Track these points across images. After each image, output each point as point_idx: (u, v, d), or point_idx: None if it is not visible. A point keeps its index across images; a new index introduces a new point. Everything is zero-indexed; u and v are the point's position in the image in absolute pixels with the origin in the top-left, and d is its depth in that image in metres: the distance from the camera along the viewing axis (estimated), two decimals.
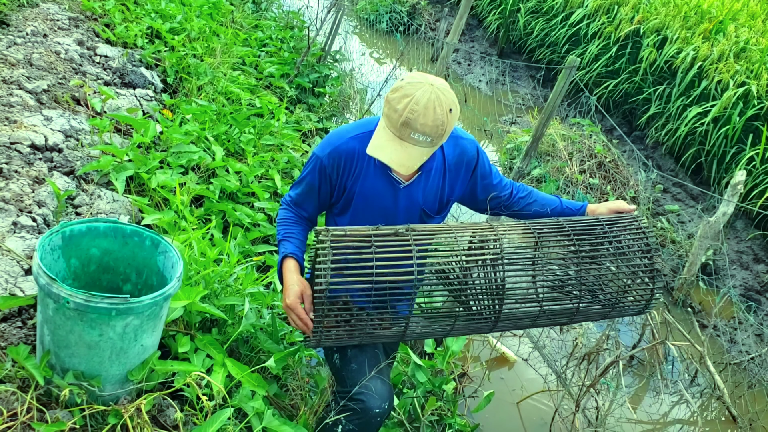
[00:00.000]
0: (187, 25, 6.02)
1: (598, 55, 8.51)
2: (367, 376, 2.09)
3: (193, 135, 4.01)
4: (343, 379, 2.15)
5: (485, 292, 2.16)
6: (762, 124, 6.29)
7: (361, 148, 2.09)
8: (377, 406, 2.07)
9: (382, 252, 1.95)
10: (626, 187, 6.06)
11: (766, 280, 5.54)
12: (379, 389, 2.09)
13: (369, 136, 2.05)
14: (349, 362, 2.16)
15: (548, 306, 2.15)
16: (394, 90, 1.96)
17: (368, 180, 2.14)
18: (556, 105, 3.01)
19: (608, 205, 2.32)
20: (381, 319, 2.05)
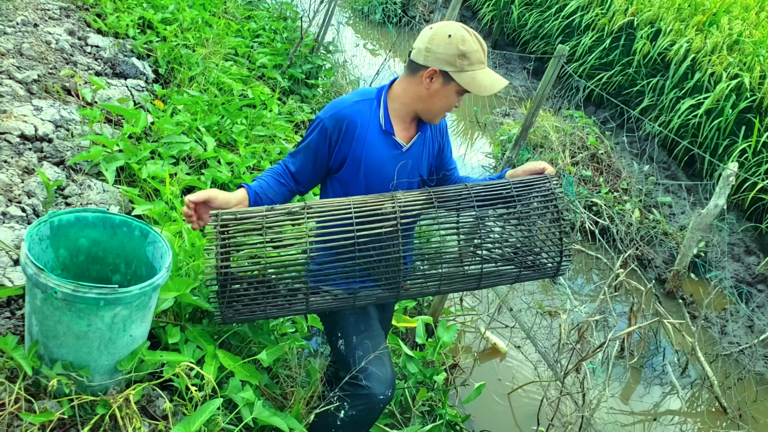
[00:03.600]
0: (179, 16, 5.98)
1: (592, 47, 8.51)
2: (371, 362, 2.12)
3: (185, 126, 3.99)
4: (348, 365, 2.15)
5: (384, 262, 2.12)
6: (754, 117, 6.30)
7: (364, 113, 2.19)
8: (382, 392, 2.10)
9: (276, 232, 2.02)
10: (618, 179, 6.07)
11: (757, 272, 5.57)
12: (385, 375, 2.12)
13: (371, 103, 2.20)
14: (354, 349, 2.17)
15: (448, 269, 2.19)
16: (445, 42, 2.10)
17: (371, 145, 2.19)
18: (545, 94, 3.00)
19: (525, 167, 2.34)
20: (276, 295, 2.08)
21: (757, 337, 4.36)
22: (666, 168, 7.14)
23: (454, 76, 2.13)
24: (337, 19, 7.60)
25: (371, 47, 10.69)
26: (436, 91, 2.16)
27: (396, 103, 2.23)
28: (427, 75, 2.14)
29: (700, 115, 6.71)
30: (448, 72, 2.13)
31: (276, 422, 2.10)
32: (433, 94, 2.17)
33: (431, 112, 2.23)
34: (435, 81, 2.15)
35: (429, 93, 2.17)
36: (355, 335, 2.20)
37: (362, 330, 2.22)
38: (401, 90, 2.22)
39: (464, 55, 2.11)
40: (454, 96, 2.19)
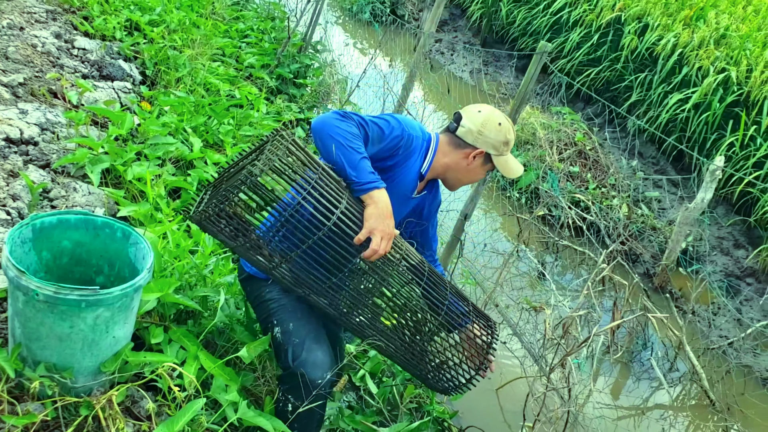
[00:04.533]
0: (166, 17, 5.98)
1: (580, 43, 8.53)
2: (308, 349, 2.16)
3: (171, 127, 3.99)
4: (285, 353, 2.18)
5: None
6: (741, 110, 6.33)
7: (419, 149, 2.36)
8: (319, 377, 2.12)
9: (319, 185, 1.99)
10: (606, 175, 6.09)
11: (746, 265, 5.60)
12: (319, 360, 2.15)
13: (424, 143, 2.38)
14: (290, 336, 2.19)
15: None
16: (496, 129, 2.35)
17: (404, 177, 2.35)
18: (529, 90, 3.02)
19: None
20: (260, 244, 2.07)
21: (744, 330, 4.38)
22: (655, 163, 7.17)
23: (494, 159, 2.39)
24: (325, 19, 7.60)
25: (361, 46, 10.70)
26: (475, 167, 2.42)
27: (436, 162, 2.42)
28: (474, 154, 2.37)
29: (688, 110, 6.74)
30: (490, 155, 2.38)
31: (260, 423, 2.10)
32: (470, 170, 2.43)
33: (461, 182, 2.51)
34: (477, 159, 2.39)
35: (468, 168, 2.42)
36: (292, 322, 2.22)
37: (299, 317, 2.24)
38: (442, 153, 2.41)
39: (507, 143, 2.39)
40: (483, 174, 2.48)
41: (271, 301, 2.26)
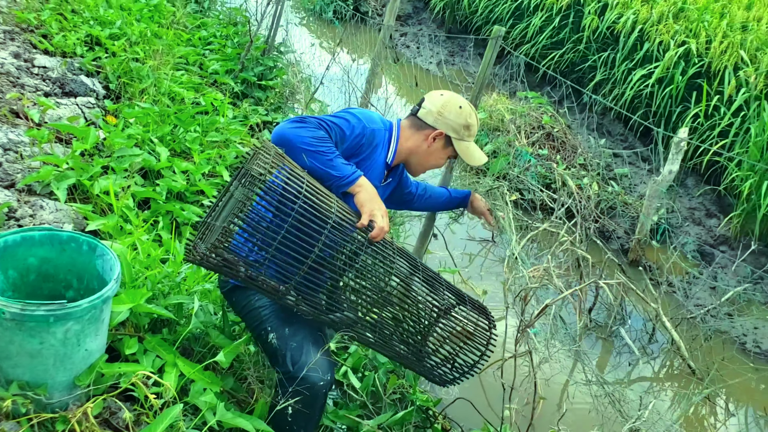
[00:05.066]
0: (127, 30, 5.95)
1: (542, 27, 8.59)
2: (306, 353, 2.15)
3: (137, 138, 3.98)
4: (283, 358, 2.16)
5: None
6: (704, 82, 6.42)
7: (382, 140, 2.38)
8: (320, 380, 2.12)
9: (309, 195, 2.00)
10: (575, 155, 6.15)
11: (718, 234, 5.69)
12: (319, 362, 2.14)
13: (386, 133, 2.41)
14: (286, 341, 2.18)
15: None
16: (456, 111, 2.42)
17: (372, 170, 2.36)
18: (487, 76, 3.05)
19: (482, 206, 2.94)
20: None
21: (720, 297, 4.45)
22: (623, 140, 7.25)
23: (455, 143, 2.46)
24: (287, 19, 7.59)
25: (326, 45, 10.69)
26: (435, 150, 2.47)
27: (400, 147, 2.47)
28: (433, 135, 2.43)
29: (651, 85, 6.82)
30: (451, 137, 2.45)
31: (241, 424, 2.11)
32: (431, 153, 2.48)
33: (423, 166, 2.54)
34: (437, 142, 2.45)
35: (428, 151, 2.47)
36: (287, 326, 2.21)
37: (293, 321, 2.22)
38: (404, 138, 2.47)
39: (468, 127, 2.45)
40: (444, 159, 2.53)
41: (262, 308, 2.25)
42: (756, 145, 5.44)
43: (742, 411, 4.07)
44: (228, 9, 8.56)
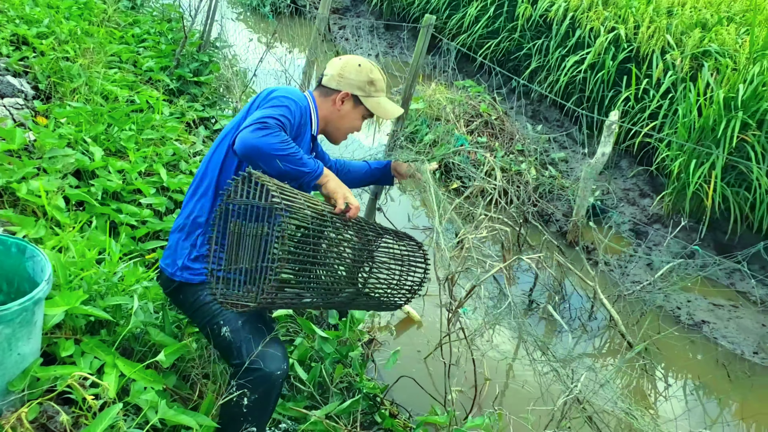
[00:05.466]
0: (55, 28, 5.79)
1: (478, 17, 8.69)
2: (259, 342, 2.17)
3: (69, 138, 3.89)
4: (238, 351, 2.17)
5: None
6: (633, 66, 6.61)
7: (310, 115, 2.44)
8: (278, 368, 2.15)
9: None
10: (513, 142, 6.26)
11: (652, 212, 5.88)
12: (276, 350, 2.17)
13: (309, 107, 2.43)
14: (239, 333, 2.19)
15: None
16: (356, 69, 2.46)
17: (305, 144, 2.42)
18: (419, 64, 3.09)
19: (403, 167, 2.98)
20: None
21: (654, 274, 4.61)
22: (560, 125, 7.42)
23: (363, 101, 2.49)
24: (221, 14, 7.50)
25: (264, 40, 10.60)
26: (346, 113, 2.51)
27: (320, 119, 2.52)
28: (339, 98, 2.48)
29: (584, 70, 6.99)
30: (358, 96, 2.48)
31: (184, 421, 2.10)
32: (343, 116, 2.51)
33: (339, 131, 2.57)
34: (346, 103, 2.49)
35: (339, 114, 2.51)
36: (240, 320, 2.22)
37: (245, 314, 2.23)
38: (319, 108, 2.51)
39: (372, 83, 2.49)
40: (359, 120, 2.57)
41: (213, 302, 2.24)
42: (684, 125, 5.64)
43: (681, 382, 4.23)
44: (162, 5, 8.41)
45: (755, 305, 4.87)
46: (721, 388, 4.08)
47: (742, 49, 5.90)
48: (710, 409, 3.96)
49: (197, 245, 2.31)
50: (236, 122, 2.35)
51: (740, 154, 5.37)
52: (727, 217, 5.40)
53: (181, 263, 2.30)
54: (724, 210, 5.37)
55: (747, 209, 5.33)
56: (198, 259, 2.30)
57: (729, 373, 4.16)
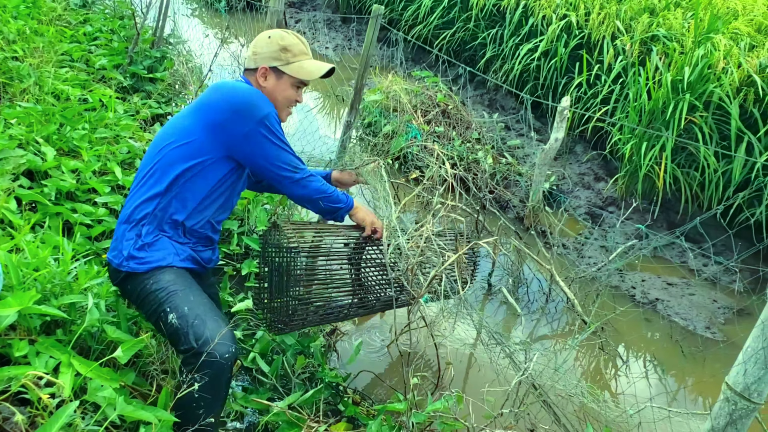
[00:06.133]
0: (2, 28, 5.67)
1: (433, 8, 8.75)
2: (208, 327, 2.18)
3: (20, 139, 3.83)
4: (185, 336, 2.16)
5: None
6: (585, 52, 6.73)
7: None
8: (226, 351, 2.14)
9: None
10: (469, 130, 6.33)
11: (606, 195, 6.00)
12: (223, 334, 2.17)
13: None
14: (187, 318, 2.18)
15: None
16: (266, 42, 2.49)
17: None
18: (370, 54, 3.12)
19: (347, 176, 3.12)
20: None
21: (608, 256, 4.72)
22: (516, 113, 7.51)
23: (284, 69, 2.46)
24: (174, 10, 7.42)
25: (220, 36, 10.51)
26: (274, 87, 2.48)
27: None
28: (260, 74, 2.47)
29: (537, 58, 7.09)
30: (277, 67, 2.46)
31: (143, 416, 2.11)
32: (271, 91, 2.48)
33: (277, 106, 2.49)
34: (269, 78, 2.47)
35: (269, 90, 2.47)
36: (186, 305, 2.22)
37: (191, 299, 2.24)
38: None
39: (286, 49, 2.46)
40: (291, 89, 2.51)
41: (159, 290, 2.25)
42: (634, 109, 5.77)
43: (637, 360, 4.34)
44: (113, 2, 8.29)
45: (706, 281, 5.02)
46: (676, 364, 4.21)
47: (689, 33, 6.04)
48: (666, 385, 4.08)
49: (142, 234, 2.31)
50: (193, 120, 2.37)
51: (689, 136, 5.51)
52: (678, 197, 5.54)
53: (126, 253, 2.30)
54: (675, 190, 5.52)
55: (697, 189, 5.48)
56: (143, 248, 2.30)
57: (683, 349, 4.29)
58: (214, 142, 2.33)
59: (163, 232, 2.36)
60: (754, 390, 1.59)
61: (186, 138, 2.34)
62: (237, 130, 2.32)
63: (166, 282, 2.26)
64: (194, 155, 2.33)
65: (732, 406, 1.62)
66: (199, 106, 2.37)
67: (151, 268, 2.28)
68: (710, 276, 5.07)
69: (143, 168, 2.41)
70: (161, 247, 2.32)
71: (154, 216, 2.32)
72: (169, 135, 2.40)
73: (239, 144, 2.34)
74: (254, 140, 2.33)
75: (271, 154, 2.37)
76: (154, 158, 2.38)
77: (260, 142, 2.34)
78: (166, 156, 2.36)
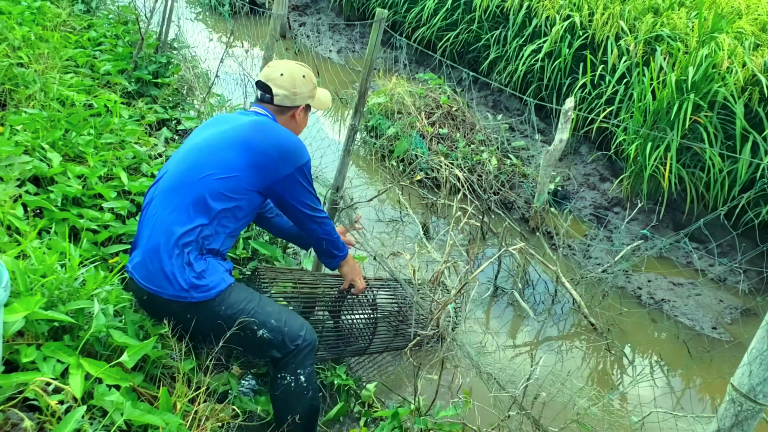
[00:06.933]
0: (8, 35, 5.70)
1: (437, 10, 8.75)
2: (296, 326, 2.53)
3: (26, 145, 3.85)
4: (282, 344, 2.47)
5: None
6: (589, 53, 6.72)
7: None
8: (313, 337, 2.55)
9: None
10: (474, 132, 6.34)
11: (611, 196, 5.99)
12: (304, 323, 2.56)
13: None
14: (277, 329, 2.47)
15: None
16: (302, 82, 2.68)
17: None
18: (374, 58, 3.13)
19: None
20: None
21: (614, 257, 4.71)
22: (520, 114, 7.51)
23: (311, 103, 2.74)
24: (178, 15, 7.45)
25: (225, 40, 10.54)
26: (302, 121, 2.75)
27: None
28: (299, 112, 2.70)
29: (541, 59, 7.09)
30: (309, 103, 2.73)
31: (151, 420, 2.12)
32: (299, 125, 2.74)
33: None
34: (303, 113, 2.73)
35: (298, 124, 2.74)
36: (271, 318, 2.47)
37: (268, 310, 2.49)
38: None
39: (315, 86, 2.73)
40: (307, 119, 2.80)
41: (236, 313, 2.42)
42: (639, 109, 5.76)
43: (643, 360, 4.34)
44: (117, 7, 8.32)
45: (712, 282, 5.01)
46: (683, 365, 4.20)
47: (693, 33, 6.03)
48: (673, 386, 4.08)
49: (191, 262, 2.38)
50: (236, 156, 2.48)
51: (694, 136, 5.50)
52: (684, 197, 5.53)
53: (186, 284, 2.36)
54: (680, 191, 5.51)
55: (703, 189, 5.47)
56: (201, 276, 2.38)
57: (689, 349, 4.28)
58: (255, 181, 2.48)
59: (205, 255, 2.44)
60: (759, 391, 1.59)
61: (229, 172, 2.45)
62: (279, 173, 2.49)
63: (237, 303, 2.43)
64: (237, 191, 2.46)
65: (737, 407, 1.62)
66: (243, 144, 2.48)
67: (217, 293, 2.39)
68: (716, 276, 5.05)
69: (179, 191, 2.45)
70: (213, 269, 2.43)
71: (196, 243, 2.40)
72: (209, 164, 2.46)
73: (277, 185, 2.51)
74: (291, 184, 2.53)
75: (302, 197, 2.58)
76: (195, 186, 2.43)
77: (296, 187, 2.54)
78: (209, 187, 2.43)
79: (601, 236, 5.36)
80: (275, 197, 2.59)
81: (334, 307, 3.24)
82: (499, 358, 3.45)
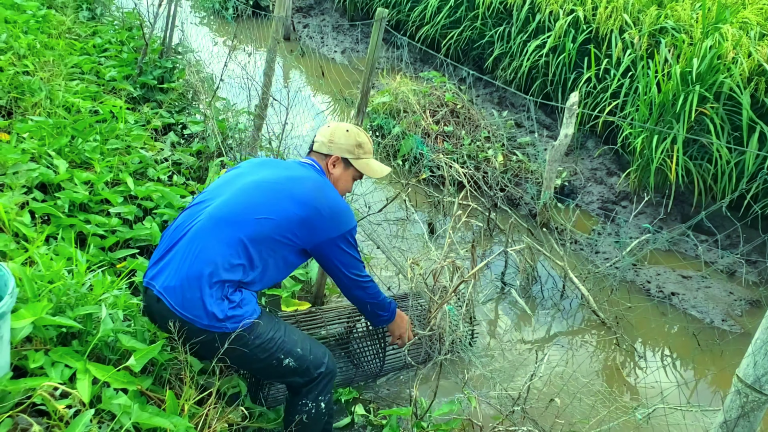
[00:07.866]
0: (14, 43, 5.74)
1: (440, 7, 8.74)
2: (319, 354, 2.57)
3: (33, 152, 3.88)
4: (307, 371, 2.51)
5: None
6: (593, 46, 6.70)
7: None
8: (334, 364, 2.60)
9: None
10: (479, 129, 6.33)
11: (619, 190, 5.97)
12: (326, 351, 2.60)
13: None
14: (303, 358, 2.50)
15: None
16: (344, 134, 2.70)
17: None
18: (375, 58, 3.13)
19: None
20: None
21: (622, 250, 4.69)
22: (526, 110, 7.49)
23: (353, 162, 2.69)
24: (182, 20, 7.48)
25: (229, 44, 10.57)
26: (339, 175, 2.70)
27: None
28: (331, 161, 2.67)
29: (546, 54, 7.07)
30: (348, 159, 2.68)
31: (159, 423, 2.13)
32: (336, 179, 2.69)
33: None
34: (337, 166, 2.69)
35: (333, 177, 2.69)
36: (297, 347, 2.50)
37: (294, 338, 2.51)
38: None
39: (360, 145, 2.69)
40: (350, 181, 2.74)
41: (264, 343, 2.43)
42: (644, 102, 5.73)
43: (654, 354, 4.32)
44: (122, 14, 8.37)
45: (722, 273, 4.98)
46: (693, 357, 4.18)
47: (697, 24, 6.00)
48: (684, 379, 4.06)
49: (229, 295, 2.38)
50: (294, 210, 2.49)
51: (701, 127, 5.47)
52: (691, 189, 5.50)
53: (221, 314, 2.34)
54: (688, 183, 5.48)
55: (710, 181, 5.44)
56: (236, 307, 2.39)
57: (699, 341, 4.26)
58: (305, 237, 2.49)
59: (242, 290, 2.44)
60: (765, 382, 1.58)
61: (284, 222, 2.45)
62: (328, 235, 2.51)
63: (265, 332, 2.44)
64: (288, 243, 2.48)
65: (743, 398, 1.62)
66: (301, 198, 2.48)
67: (250, 324, 2.39)
68: (725, 268, 5.02)
69: (234, 225, 2.43)
70: (248, 300, 2.43)
71: (238, 283, 2.41)
72: (268, 208, 2.47)
73: (323, 245, 2.53)
74: (337, 247, 2.55)
75: (346, 262, 2.59)
76: (250, 225, 2.43)
77: (341, 250, 2.56)
78: (264, 229, 2.44)
79: (609, 230, 5.34)
80: (320, 257, 2.61)
81: (342, 339, 3.34)
82: (505, 356, 3.45)
